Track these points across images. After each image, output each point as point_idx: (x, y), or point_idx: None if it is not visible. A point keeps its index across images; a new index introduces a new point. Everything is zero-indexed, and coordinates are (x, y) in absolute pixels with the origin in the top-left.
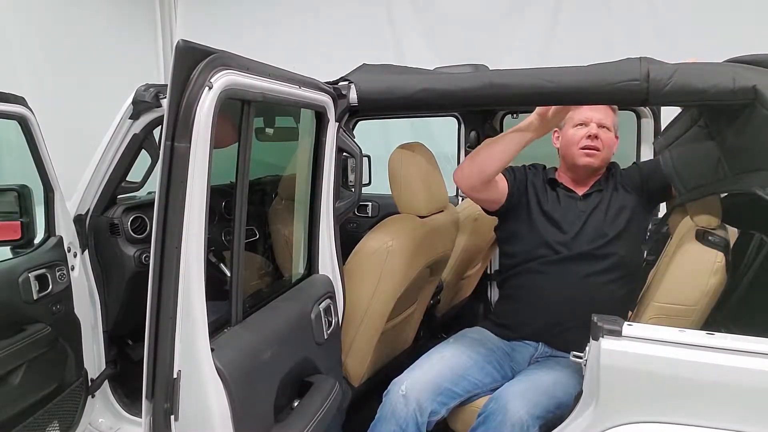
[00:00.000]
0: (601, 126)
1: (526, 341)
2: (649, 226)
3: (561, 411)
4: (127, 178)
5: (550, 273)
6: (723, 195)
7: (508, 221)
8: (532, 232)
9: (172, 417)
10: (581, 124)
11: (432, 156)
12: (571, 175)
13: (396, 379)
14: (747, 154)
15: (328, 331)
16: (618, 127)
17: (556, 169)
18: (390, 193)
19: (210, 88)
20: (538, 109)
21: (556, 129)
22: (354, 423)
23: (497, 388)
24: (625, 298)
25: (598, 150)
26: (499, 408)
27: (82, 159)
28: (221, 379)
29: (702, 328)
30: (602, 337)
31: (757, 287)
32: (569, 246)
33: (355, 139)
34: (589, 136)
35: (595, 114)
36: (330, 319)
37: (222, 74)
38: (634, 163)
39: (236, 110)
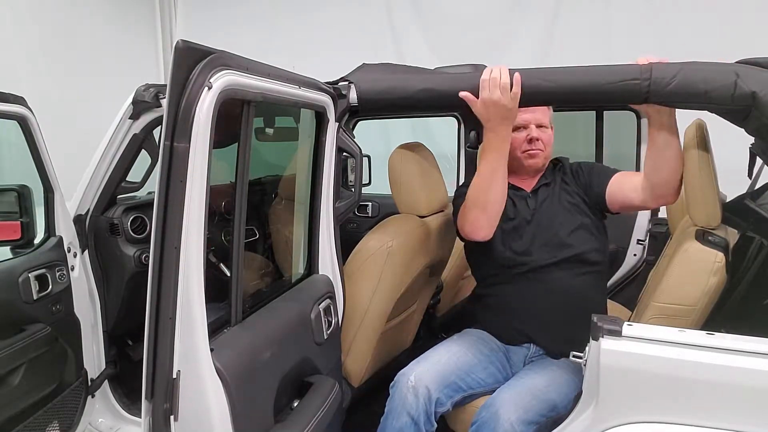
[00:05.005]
0: (539, 126)
1: (519, 344)
2: (649, 227)
3: (556, 413)
4: (127, 178)
5: (518, 282)
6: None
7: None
8: (496, 244)
9: (172, 417)
10: (521, 128)
11: (432, 156)
12: (516, 176)
13: (403, 370)
14: None
15: (328, 332)
16: (552, 118)
17: None
18: (390, 193)
19: (209, 88)
20: (484, 123)
21: None
22: (354, 423)
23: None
24: (597, 290)
25: (541, 150)
26: (490, 416)
27: (82, 159)
28: (221, 380)
29: (702, 328)
30: (602, 337)
31: (757, 287)
32: (528, 249)
33: (355, 139)
34: (530, 140)
35: (532, 115)
36: (330, 319)
37: (221, 74)
38: (581, 163)
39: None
